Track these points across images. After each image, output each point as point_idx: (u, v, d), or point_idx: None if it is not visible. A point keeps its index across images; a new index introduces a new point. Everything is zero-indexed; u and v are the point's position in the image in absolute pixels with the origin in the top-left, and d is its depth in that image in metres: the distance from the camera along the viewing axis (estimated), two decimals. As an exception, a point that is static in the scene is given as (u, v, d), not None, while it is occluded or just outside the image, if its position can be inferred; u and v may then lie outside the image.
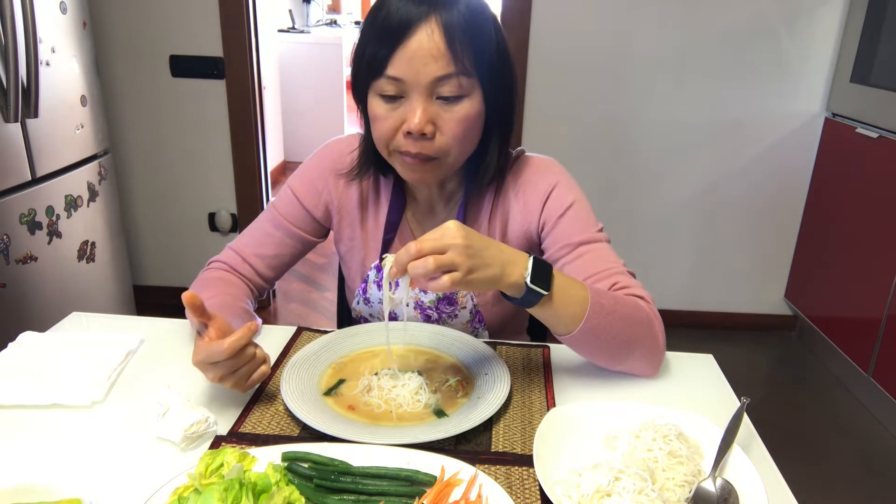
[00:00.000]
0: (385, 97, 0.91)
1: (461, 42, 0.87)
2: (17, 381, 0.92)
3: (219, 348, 0.80)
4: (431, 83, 0.88)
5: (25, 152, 1.93)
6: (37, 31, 1.87)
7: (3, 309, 1.87)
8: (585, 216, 1.04)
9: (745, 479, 0.73)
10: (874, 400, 2.33)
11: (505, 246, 0.84)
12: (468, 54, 0.88)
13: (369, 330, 1.06)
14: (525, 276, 0.82)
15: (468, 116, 0.92)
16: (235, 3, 2.58)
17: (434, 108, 0.90)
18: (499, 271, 0.81)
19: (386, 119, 0.92)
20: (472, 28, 0.88)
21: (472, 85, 0.91)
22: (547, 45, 2.58)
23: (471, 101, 0.92)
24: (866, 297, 2.33)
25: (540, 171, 1.07)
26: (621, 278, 0.99)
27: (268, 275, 1.14)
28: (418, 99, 0.89)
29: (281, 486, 0.69)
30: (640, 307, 0.94)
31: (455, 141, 0.93)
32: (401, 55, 0.87)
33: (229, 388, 0.85)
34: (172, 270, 2.96)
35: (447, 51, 0.86)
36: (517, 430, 0.85)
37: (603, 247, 1.02)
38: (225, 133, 2.77)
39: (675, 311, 2.92)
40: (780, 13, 2.49)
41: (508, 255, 0.83)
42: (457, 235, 0.78)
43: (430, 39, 0.86)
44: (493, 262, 0.81)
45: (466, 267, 0.78)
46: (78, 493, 0.70)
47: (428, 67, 0.87)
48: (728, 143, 2.67)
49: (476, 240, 0.80)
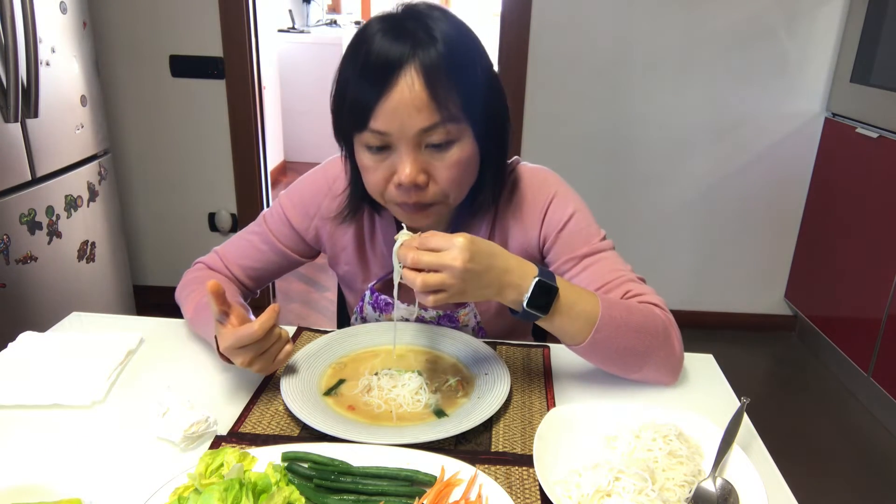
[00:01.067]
0: (371, 149, 0.88)
1: (444, 87, 0.83)
2: (17, 381, 0.92)
3: (249, 331, 0.81)
4: (417, 134, 0.85)
5: (25, 152, 1.93)
6: (37, 31, 1.87)
7: (3, 309, 1.87)
8: (586, 226, 1.02)
9: (745, 479, 0.73)
10: (874, 400, 2.33)
11: (514, 262, 0.82)
12: (453, 99, 0.84)
13: (369, 330, 1.06)
14: (523, 300, 0.81)
15: (461, 160, 0.89)
16: (235, 3, 2.58)
17: (424, 157, 0.87)
18: (494, 293, 0.81)
19: (375, 170, 0.89)
20: (455, 67, 0.84)
21: (461, 129, 0.87)
22: (547, 45, 2.57)
23: (461, 144, 0.88)
24: (866, 297, 2.33)
25: (535, 186, 1.04)
26: (633, 286, 0.97)
27: (249, 284, 1.13)
28: (406, 150, 0.86)
29: (281, 486, 0.69)
30: (654, 316, 0.92)
31: (450, 186, 0.90)
32: (383, 108, 0.83)
33: (256, 370, 0.86)
34: (172, 270, 2.96)
35: (430, 100, 0.82)
36: (517, 430, 0.85)
37: (608, 255, 1.01)
38: (225, 133, 2.77)
39: (676, 311, 2.86)
40: (780, 13, 2.49)
41: (510, 278, 0.81)
42: (457, 257, 0.76)
43: (412, 90, 0.82)
44: (489, 285, 0.80)
45: (456, 290, 0.77)
46: (78, 493, 0.70)
47: (412, 119, 0.83)
48: (728, 143, 2.67)
49: (479, 261, 0.78)
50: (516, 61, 2.59)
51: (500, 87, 0.95)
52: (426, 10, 0.87)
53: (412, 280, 0.77)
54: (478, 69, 0.89)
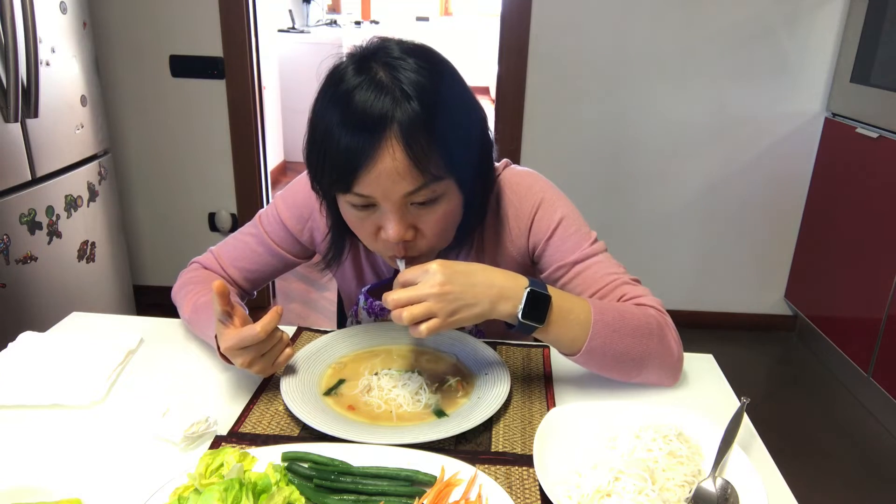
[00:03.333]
0: (357, 206, 0.86)
1: (424, 149, 0.80)
2: (17, 381, 0.92)
3: (252, 332, 0.81)
4: (403, 197, 0.83)
5: (25, 152, 1.93)
6: (37, 31, 1.87)
7: (3, 309, 1.87)
8: (575, 231, 1.00)
9: (745, 479, 0.73)
10: (874, 400, 2.33)
11: (499, 276, 0.82)
12: (435, 160, 0.82)
13: (369, 330, 1.06)
14: (518, 312, 0.81)
15: (447, 213, 0.88)
16: (235, 3, 2.57)
17: (411, 215, 0.86)
18: (487, 308, 0.80)
19: (362, 226, 0.89)
20: (433, 124, 0.81)
21: (446, 185, 0.86)
22: (547, 45, 2.57)
23: (447, 198, 0.87)
24: (866, 297, 2.33)
25: (521, 194, 1.02)
26: (627, 289, 0.96)
27: (245, 286, 1.13)
28: (392, 210, 0.84)
29: (281, 486, 0.69)
30: (649, 318, 0.91)
31: (438, 237, 0.90)
32: (366, 176, 0.81)
33: (255, 372, 0.86)
34: (172, 270, 2.93)
35: (412, 167, 0.80)
36: (517, 430, 0.85)
37: (600, 259, 0.99)
38: (225, 133, 2.77)
39: (676, 311, 2.88)
40: (780, 13, 2.48)
41: (499, 290, 0.81)
42: (434, 283, 0.77)
43: (393, 160, 0.79)
44: (479, 299, 0.80)
45: (446, 312, 0.78)
46: (78, 494, 0.70)
47: (396, 185, 0.81)
48: (728, 143, 2.67)
49: (459, 281, 0.79)
50: (516, 61, 2.59)
51: (482, 124, 0.92)
52: (398, 58, 0.83)
53: (399, 318, 0.78)
54: (457, 119, 0.86)
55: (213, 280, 1.06)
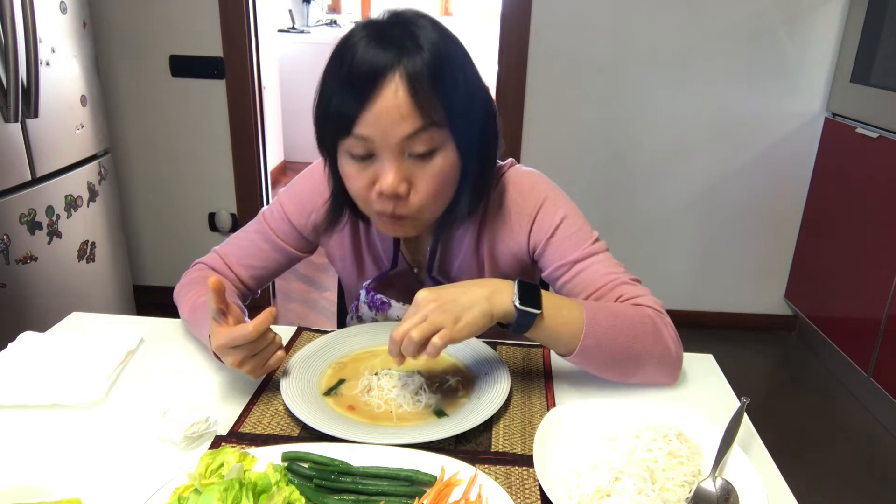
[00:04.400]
0: (355, 157, 0.88)
1: (428, 94, 0.83)
2: (17, 381, 0.92)
3: (243, 331, 0.81)
4: (401, 142, 0.84)
5: (25, 152, 1.93)
6: (37, 31, 1.87)
7: (3, 309, 1.87)
8: (577, 230, 1.00)
9: (745, 479, 0.73)
10: (874, 400, 2.33)
11: (484, 280, 0.85)
12: (436, 105, 0.84)
13: (369, 330, 1.06)
14: (513, 300, 0.83)
15: (443, 171, 0.89)
16: (235, 3, 2.58)
17: (407, 166, 0.87)
18: (486, 306, 0.81)
19: (358, 178, 0.90)
20: (439, 76, 0.84)
21: (444, 137, 0.87)
22: (547, 45, 2.57)
23: (444, 153, 0.88)
24: (866, 297, 2.33)
25: (524, 192, 1.02)
26: (626, 289, 0.96)
27: (250, 284, 1.13)
28: (389, 158, 0.86)
29: (281, 486, 0.69)
30: (644, 317, 0.91)
31: (430, 198, 0.90)
32: (367, 115, 0.83)
33: (245, 372, 0.86)
34: (172, 270, 2.95)
35: (414, 106, 0.82)
36: (517, 430, 0.85)
37: (600, 259, 0.99)
38: (225, 133, 2.77)
39: (676, 311, 2.89)
40: (780, 13, 2.49)
41: (490, 287, 0.83)
42: (427, 300, 0.80)
43: (396, 97, 0.82)
44: (475, 300, 0.81)
45: (451, 319, 0.79)
46: (78, 494, 0.70)
47: (396, 126, 0.83)
48: (728, 143, 2.67)
49: (449, 291, 0.82)
50: (516, 61, 2.59)
51: (488, 100, 0.94)
52: (413, 17, 0.86)
53: (409, 349, 0.79)
54: (463, 79, 0.88)
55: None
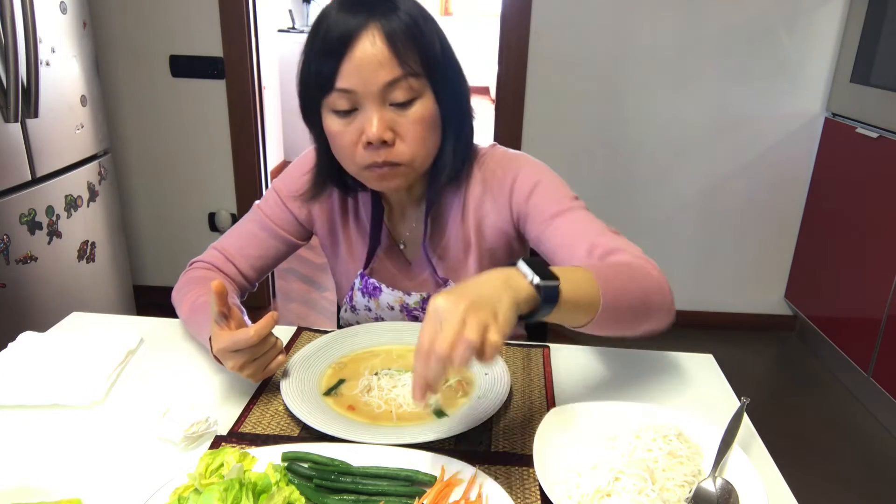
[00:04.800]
0: (339, 112, 0.91)
1: (404, 45, 0.87)
2: (17, 381, 0.92)
3: (245, 335, 0.82)
4: (382, 90, 0.88)
5: (25, 152, 1.93)
6: (37, 31, 1.87)
7: (3, 309, 1.87)
8: (554, 189, 1.01)
9: (745, 479, 0.73)
10: (874, 400, 2.33)
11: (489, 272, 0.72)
12: (413, 56, 0.88)
13: (369, 330, 1.06)
14: (531, 280, 0.70)
15: (424, 118, 0.92)
16: (235, 3, 2.57)
17: (389, 115, 0.90)
18: (511, 294, 0.68)
19: (343, 134, 0.92)
20: (413, 30, 0.88)
21: (423, 86, 0.91)
22: (547, 45, 2.57)
23: (423, 102, 0.91)
24: (866, 297, 2.33)
25: (504, 164, 1.05)
26: (600, 239, 0.94)
27: (251, 275, 1.14)
28: (372, 107, 0.89)
29: (281, 486, 0.69)
30: (642, 269, 0.88)
31: (416, 144, 0.92)
32: (347, 66, 0.86)
33: (246, 376, 0.86)
34: (172, 270, 2.96)
35: (392, 55, 0.86)
36: (517, 430, 0.85)
37: (578, 213, 0.98)
38: (225, 133, 2.77)
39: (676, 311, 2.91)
40: (780, 13, 2.49)
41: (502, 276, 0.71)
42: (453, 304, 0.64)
43: (374, 46, 0.86)
44: (497, 291, 0.68)
45: (490, 314, 0.64)
46: (78, 494, 0.70)
47: (376, 74, 0.87)
48: (728, 143, 2.67)
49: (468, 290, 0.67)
50: (516, 61, 2.59)
51: (457, 63, 0.97)
52: None
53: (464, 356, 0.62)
54: (438, 39, 0.93)
55: (212, 280, 1.06)
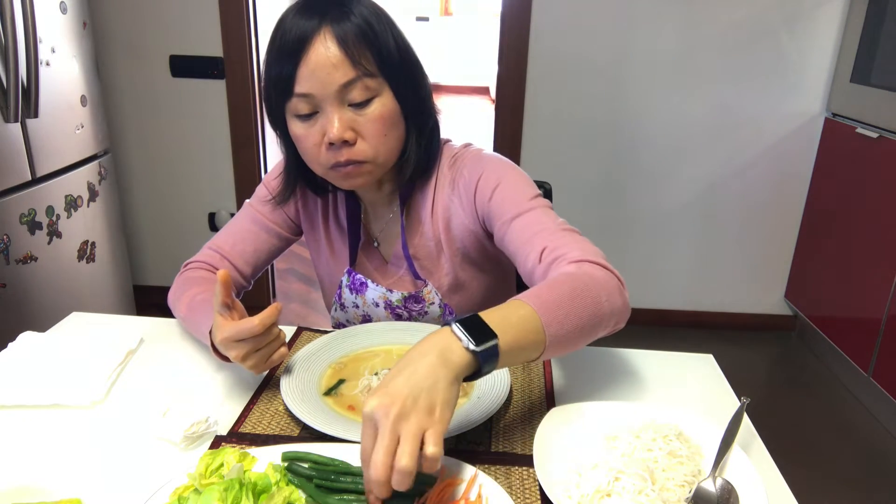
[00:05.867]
0: (301, 117, 0.93)
1: (356, 46, 0.89)
2: (17, 381, 0.92)
3: (249, 325, 0.82)
4: (339, 91, 0.90)
5: (25, 152, 1.93)
6: (37, 31, 1.87)
7: (3, 309, 1.87)
8: (514, 189, 0.99)
9: (745, 479, 0.73)
10: (874, 400, 2.33)
11: (416, 347, 0.69)
12: (366, 56, 0.90)
13: (369, 330, 1.06)
14: (466, 345, 0.68)
15: (383, 115, 0.93)
16: (235, 3, 2.57)
17: (349, 115, 0.92)
18: (445, 372, 0.66)
19: (307, 137, 0.94)
20: (366, 32, 0.90)
21: (380, 84, 0.92)
22: (547, 45, 2.58)
23: (382, 100, 0.93)
24: (866, 297, 2.33)
25: (471, 164, 1.05)
26: (549, 240, 0.91)
27: (246, 271, 1.15)
28: (331, 109, 0.91)
29: (281, 486, 0.69)
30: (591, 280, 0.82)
31: (377, 141, 0.94)
32: (303, 71, 0.89)
33: (248, 367, 0.86)
34: (172, 270, 2.93)
35: (345, 57, 0.89)
36: (517, 430, 0.85)
37: (533, 215, 0.96)
38: (225, 133, 2.77)
39: (675, 311, 2.92)
40: (780, 13, 2.49)
41: (433, 348, 0.67)
42: (381, 410, 0.63)
43: (327, 49, 0.88)
44: (430, 373, 0.65)
45: (424, 414, 0.63)
46: (78, 494, 0.70)
47: (331, 77, 0.89)
48: (728, 143, 2.67)
49: (395, 383, 0.65)
50: (516, 61, 2.59)
51: (415, 59, 0.99)
52: None
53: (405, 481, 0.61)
54: (389, 34, 0.94)
55: (208, 280, 1.07)
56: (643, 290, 2.86)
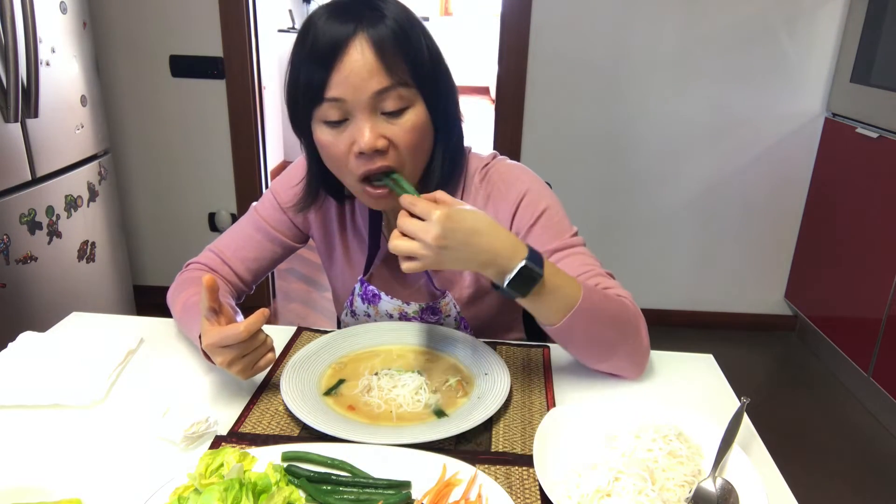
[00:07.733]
0: (330, 123, 0.89)
1: (393, 54, 0.86)
2: (17, 381, 0.92)
3: (235, 331, 0.81)
4: (372, 98, 0.86)
5: (25, 152, 1.93)
6: (37, 31, 1.87)
7: (3, 309, 1.87)
8: (558, 222, 1.01)
9: (745, 479, 0.73)
10: (874, 400, 2.33)
11: (498, 243, 0.82)
12: (402, 65, 0.87)
13: (369, 330, 1.06)
14: (504, 280, 0.81)
15: (416, 126, 0.90)
16: (235, 3, 2.58)
17: (381, 124, 0.88)
18: (475, 267, 0.82)
19: (335, 144, 0.90)
20: (401, 39, 0.87)
21: (413, 95, 0.89)
22: (547, 45, 2.57)
23: (415, 110, 0.90)
24: (866, 297, 2.33)
25: (509, 181, 1.04)
26: (602, 280, 0.97)
27: (246, 278, 1.14)
28: (363, 117, 0.87)
29: (281, 486, 0.69)
30: (627, 308, 0.93)
31: (409, 152, 0.91)
32: (337, 76, 0.85)
33: (235, 373, 0.85)
34: (172, 270, 2.93)
35: (381, 65, 0.85)
36: (517, 430, 0.85)
37: (579, 251, 1.00)
38: (225, 133, 2.77)
39: (675, 311, 2.92)
40: (780, 13, 2.49)
41: (492, 257, 0.81)
42: (430, 231, 0.77)
43: (362, 56, 0.85)
44: (469, 260, 0.81)
45: (429, 262, 0.79)
46: (78, 494, 0.70)
47: (366, 83, 0.85)
48: (728, 143, 2.67)
49: (454, 238, 0.79)
50: (516, 61, 2.59)
51: (446, 69, 0.97)
52: None
53: (392, 243, 0.80)
54: (423, 43, 0.91)
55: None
56: (643, 290, 2.86)
